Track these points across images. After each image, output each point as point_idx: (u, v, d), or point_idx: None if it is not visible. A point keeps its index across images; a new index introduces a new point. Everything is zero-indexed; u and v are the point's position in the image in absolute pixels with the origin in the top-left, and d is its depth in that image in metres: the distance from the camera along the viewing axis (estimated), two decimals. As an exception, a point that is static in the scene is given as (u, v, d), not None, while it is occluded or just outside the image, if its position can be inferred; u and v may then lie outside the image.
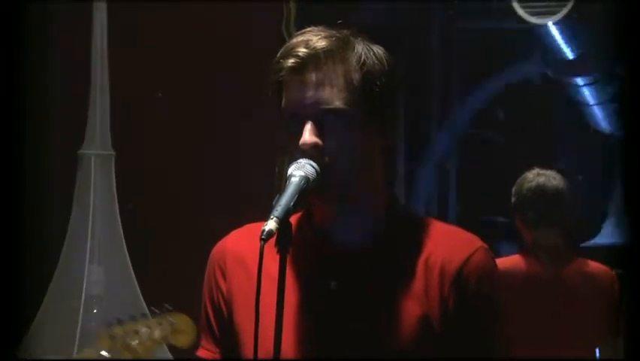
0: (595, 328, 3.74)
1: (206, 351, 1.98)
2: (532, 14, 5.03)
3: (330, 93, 1.82)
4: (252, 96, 3.61)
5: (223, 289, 1.95)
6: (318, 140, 1.81)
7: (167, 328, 2.72)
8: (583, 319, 3.75)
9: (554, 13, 5.02)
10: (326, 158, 1.81)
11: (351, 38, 1.87)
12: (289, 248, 1.74)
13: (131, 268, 4.47)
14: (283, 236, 1.72)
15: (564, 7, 4.97)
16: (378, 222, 1.90)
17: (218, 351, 1.96)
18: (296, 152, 1.81)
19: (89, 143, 4.55)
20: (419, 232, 1.90)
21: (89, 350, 2.71)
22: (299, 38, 1.86)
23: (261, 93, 1.91)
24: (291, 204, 1.73)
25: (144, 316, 2.77)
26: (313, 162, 1.79)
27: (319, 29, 1.88)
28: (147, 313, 2.83)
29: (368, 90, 1.84)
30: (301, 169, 1.78)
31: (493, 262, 1.90)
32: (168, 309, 2.75)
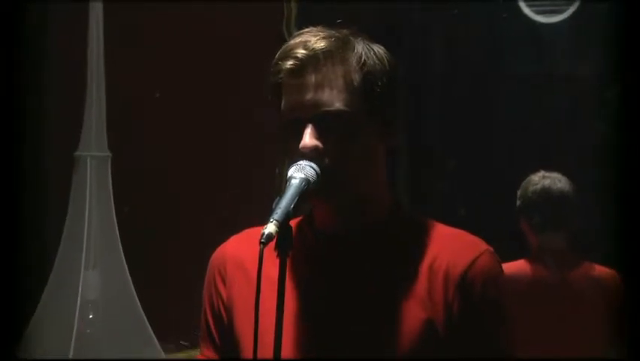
0: (602, 332, 3.73)
1: (206, 358, 1.97)
2: (539, 13, 5.03)
3: (330, 95, 1.82)
4: (251, 96, 3.61)
5: (223, 295, 1.94)
6: (319, 143, 1.81)
7: None
8: (590, 323, 3.74)
9: (561, 12, 5.02)
10: (327, 160, 1.80)
11: (351, 38, 1.86)
12: (289, 252, 1.73)
13: (127, 272, 4.47)
14: (283, 239, 1.72)
15: (571, 5, 4.98)
16: (381, 225, 1.89)
17: (218, 358, 1.96)
18: (296, 155, 1.80)
19: (84, 144, 4.55)
20: (423, 235, 1.90)
21: None
22: (297, 39, 1.86)
23: (261, 93, 1.91)
24: (291, 206, 1.72)
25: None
26: (314, 164, 1.79)
27: (318, 30, 1.87)
28: (144, 318, 2.82)
29: (369, 91, 1.84)
30: (301, 171, 1.78)
31: (499, 266, 1.89)
32: (183, 345, 2.71)
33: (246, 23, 4.70)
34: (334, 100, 1.82)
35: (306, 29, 1.88)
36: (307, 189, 1.76)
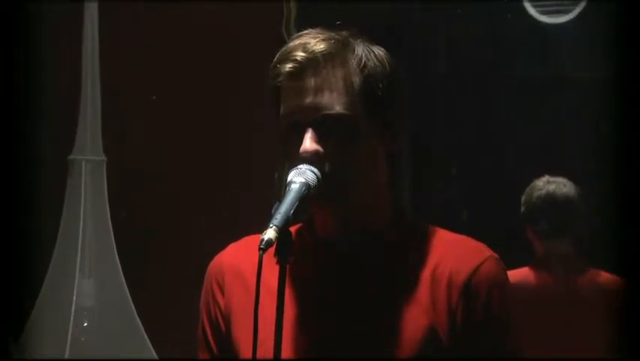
0: (608, 340, 3.73)
1: None
2: (544, 13, 5.03)
3: (330, 98, 1.81)
4: (251, 96, 3.61)
5: (221, 305, 1.93)
6: (319, 147, 1.80)
7: None
8: (596, 331, 3.74)
9: (567, 12, 5.01)
10: (327, 165, 1.80)
11: (351, 40, 1.86)
12: (289, 258, 1.73)
13: (123, 279, 4.47)
14: (283, 245, 1.71)
15: (577, 6, 4.97)
16: (383, 230, 1.89)
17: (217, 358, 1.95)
18: (296, 159, 1.80)
19: (79, 148, 4.54)
20: (425, 240, 1.89)
21: None
22: (296, 42, 1.85)
23: (261, 93, 1.91)
24: (291, 212, 1.72)
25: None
26: (314, 168, 1.78)
27: (317, 31, 1.87)
28: (140, 326, 2.81)
29: (369, 94, 1.83)
30: (302, 175, 1.77)
31: (504, 273, 1.88)
32: None
33: (245, 23, 4.70)
34: (334, 103, 1.81)
35: (305, 31, 1.88)
36: (307, 194, 1.75)
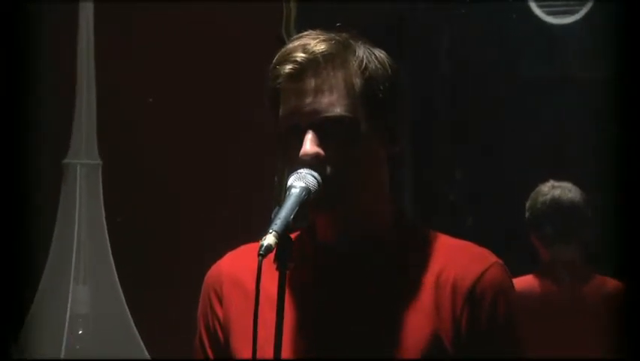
0: (614, 347, 3.73)
1: None
2: (550, 14, 5.03)
3: (330, 100, 1.81)
4: (251, 97, 3.61)
5: (219, 315, 1.93)
6: (320, 150, 1.80)
7: None
8: (602, 338, 3.74)
9: (573, 13, 5.02)
10: (328, 168, 1.80)
11: (352, 42, 1.86)
12: (289, 264, 1.72)
13: (118, 285, 4.46)
14: (282, 251, 1.71)
15: (583, 6, 4.98)
16: (384, 235, 1.89)
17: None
18: (296, 163, 1.80)
19: (74, 152, 4.54)
20: (428, 246, 1.89)
21: None
22: (296, 43, 1.85)
23: (261, 94, 1.90)
24: (291, 217, 1.71)
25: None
26: (315, 173, 1.78)
27: (317, 32, 1.87)
28: (136, 333, 2.81)
29: (371, 96, 1.84)
30: (302, 180, 1.77)
31: (509, 279, 1.88)
32: None
33: (245, 23, 4.71)
34: (335, 105, 1.81)
35: (305, 32, 1.88)
36: (308, 199, 1.75)
